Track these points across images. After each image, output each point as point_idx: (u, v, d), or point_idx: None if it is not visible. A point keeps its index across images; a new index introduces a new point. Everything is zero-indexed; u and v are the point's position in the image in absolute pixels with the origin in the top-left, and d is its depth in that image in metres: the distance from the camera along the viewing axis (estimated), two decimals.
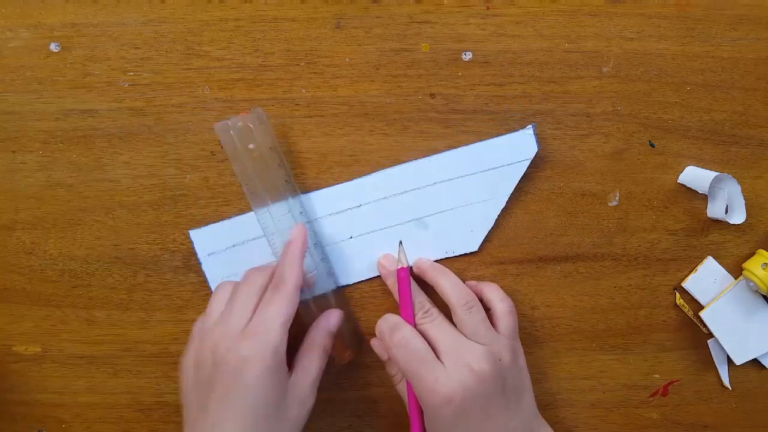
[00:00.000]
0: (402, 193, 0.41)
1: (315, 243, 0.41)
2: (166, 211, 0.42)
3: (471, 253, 0.42)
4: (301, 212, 0.40)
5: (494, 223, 0.42)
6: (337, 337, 0.40)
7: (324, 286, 0.41)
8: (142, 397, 0.44)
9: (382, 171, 0.41)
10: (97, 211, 0.42)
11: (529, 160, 0.41)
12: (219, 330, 0.36)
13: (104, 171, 0.41)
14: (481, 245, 0.42)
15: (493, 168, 0.41)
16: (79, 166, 0.41)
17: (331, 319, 0.40)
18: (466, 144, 0.41)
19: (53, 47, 0.39)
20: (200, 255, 0.41)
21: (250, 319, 0.36)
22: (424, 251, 0.42)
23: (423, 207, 0.41)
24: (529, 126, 0.40)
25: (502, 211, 0.42)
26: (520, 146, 0.41)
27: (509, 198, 0.42)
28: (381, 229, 0.41)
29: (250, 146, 0.38)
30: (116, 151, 0.41)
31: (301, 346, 0.39)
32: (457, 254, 0.42)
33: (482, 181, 0.41)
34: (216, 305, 0.38)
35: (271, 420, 0.34)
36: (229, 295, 0.38)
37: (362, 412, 0.44)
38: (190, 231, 0.41)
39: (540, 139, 0.41)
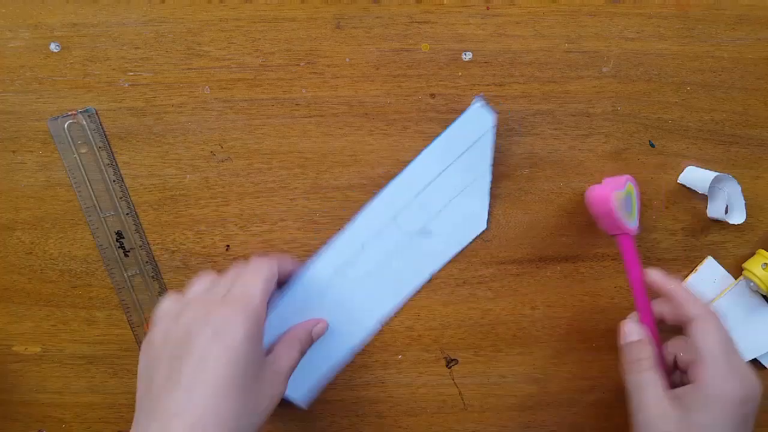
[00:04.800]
0: (392, 218, 0.41)
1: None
2: (166, 211, 0.42)
3: (482, 234, 0.42)
4: (128, 213, 0.40)
5: (497, 222, 0.42)
6: None
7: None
8: None
9: (366, 208, 0.41)
10: None
11: (493, 128, 0.40)
12: (197, 301, 0.34)
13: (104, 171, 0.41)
14: (489, 225, 0.42)
15: (463, 153, 0.41)
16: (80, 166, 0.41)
17: (318, 326, 0.40)
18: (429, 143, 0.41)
19: (53, 47, 0.39)
20: None
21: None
22: (438, 254, 0.42)
23: (417, 218, 0.41)
24: (475, 99, 0.40)
25: (501, 211, 0.42)
26: (477, 122, 0.40)
27: (509, 198, 0.42)
28: (389, 257, 0.41)
29: (78, 142, 0.38)
30: (116, 151, 0.41)
31: (282, 336, 0.38)
32: (472, 240, 0.42)
33: (459, 168, 0.41)
34: (195, 287, 0.36)
35: (246, 393, 0.32)
36: (209, 281, 0.36)
37: (362, 412, 0.44)
38: None
39: (540, 139, 0.41)
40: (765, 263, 0.41)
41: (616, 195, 0.38)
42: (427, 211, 0.41)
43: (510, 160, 0.42)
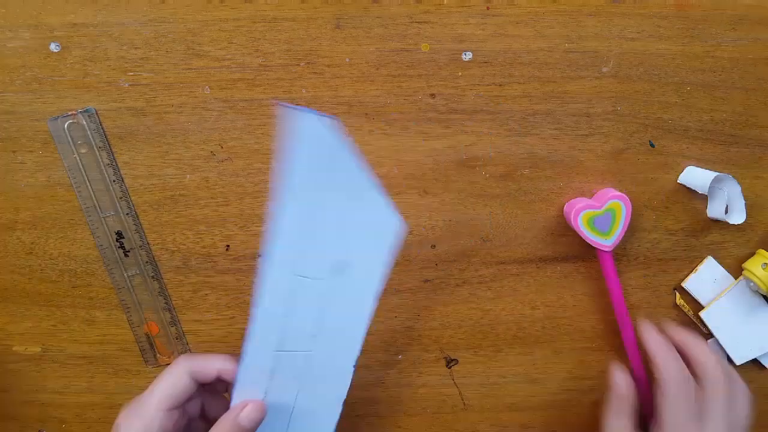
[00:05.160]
0: (292, 276, 0.33)
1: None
2: (166, 211, 0.42)
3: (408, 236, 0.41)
4: (128, 213, 0.40)
5: (497, 222, 0.42)
6: None
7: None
8: None
9: (260, 282, 0.33)
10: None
11: (337, 132, 0.31)
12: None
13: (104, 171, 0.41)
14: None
15: (321, 171, 0.32)
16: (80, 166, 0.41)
17: (244, 412, 0.33)
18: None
19: (53, 47, 0.39)
20: None
21: None
22: (371, 275, 0.35)
23: (320, 261, 0.34)
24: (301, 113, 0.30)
25: (501, 210, 0.42)
26: (312, 133, 0.31)
27: (509, 198, 0.42)
28: (322, 312, 0.35)
29: (78, 142, 0.38)
30: (116, 151, 0.41)
31: None
32: (394, 246, 0.35)
33: (331, 188, 0.32)
34: None
35: None
36: None
37: (362, 412, 0.44)
38: None
39: (540, 139, 0.41)
40: (765, 263, 0.41)
41: (583, 215, 0.40)
42: (326, 248, 0.34)
43: (510, 160, 0.42)
